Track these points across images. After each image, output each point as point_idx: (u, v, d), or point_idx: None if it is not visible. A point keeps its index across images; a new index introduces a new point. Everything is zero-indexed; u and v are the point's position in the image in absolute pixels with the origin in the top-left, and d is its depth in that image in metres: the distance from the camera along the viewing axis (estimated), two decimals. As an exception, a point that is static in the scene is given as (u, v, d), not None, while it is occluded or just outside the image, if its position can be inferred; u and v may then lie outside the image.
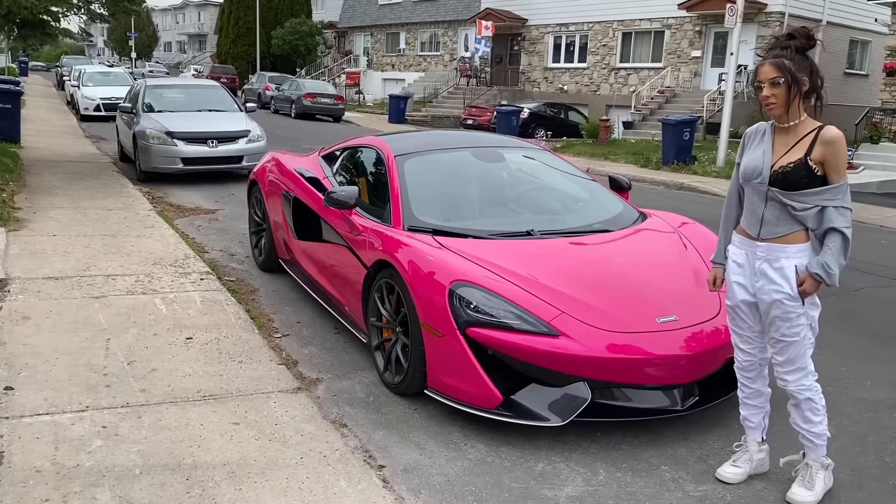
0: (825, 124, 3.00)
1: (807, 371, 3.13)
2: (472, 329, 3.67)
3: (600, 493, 3.29)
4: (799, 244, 3.04)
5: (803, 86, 2.93)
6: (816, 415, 3.17)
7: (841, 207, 2.96)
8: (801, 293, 3.02)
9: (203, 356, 4.49)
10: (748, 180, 3.09)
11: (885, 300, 6.51)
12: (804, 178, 2.94)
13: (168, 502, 2.99)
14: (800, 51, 2.95)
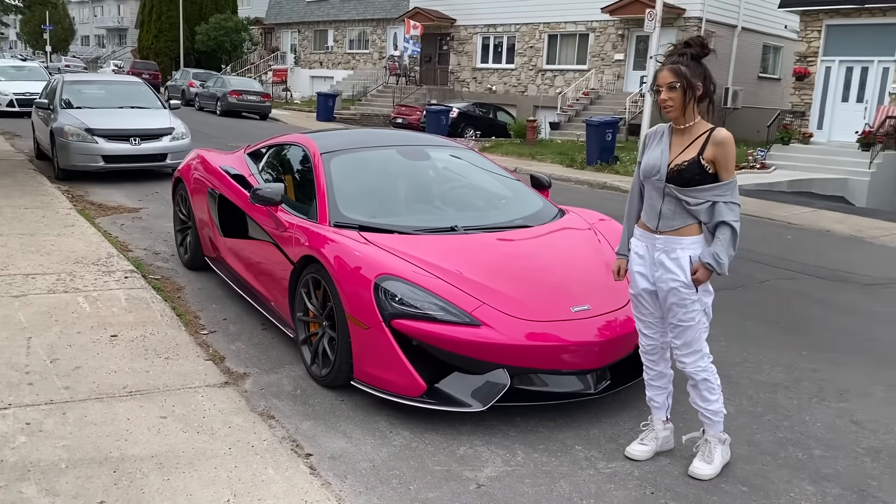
0: (717, 126, 3.26)
1: (702, 353, 3.39)
2: (397, 321, 3.81)
3: (518, 472, 3.48)
4: (693, 236, 3.30)
5: (697, 90, 3.18)
6: (713, 394, 3.43)
7: (730, 203, 3.23)
8: (694, 281, 3.28)
9: (129, 353, 4.49)
10: (648, 177, 3.33)
11: (786, 291, 6.95)
12: (697, 175, 3.20)
13: (95, 494, 3.03)
14: (695, 58, 3.20)
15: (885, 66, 18.01)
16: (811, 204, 13.52)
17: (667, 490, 3.39)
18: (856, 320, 6.12)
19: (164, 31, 43.43)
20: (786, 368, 4.94)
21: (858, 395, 4.56)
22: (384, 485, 3.33)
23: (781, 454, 3.77)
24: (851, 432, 4.05)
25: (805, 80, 19.17)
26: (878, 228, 11.09)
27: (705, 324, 3.38)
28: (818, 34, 18.95)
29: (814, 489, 3.45)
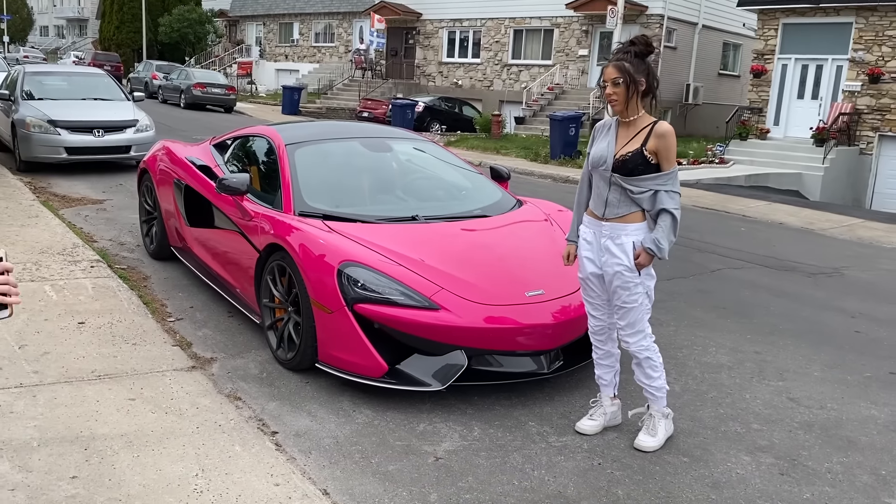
0: (659, 120, 3.48)
1: (645, 333, 3.62)
2: (360, 305, 3.98)
3: (474, 446, 3.68)
4: (636, 223, 3.52)
5: (640, 86, 3.40)
6: (655, 370, 3.66)
7: (671, 192, 3.45)
8: (637, 265, 3.50)
9: (96, 339, 4.59)
10: (595, 167, 3.55)
11: (735, 280, 7.25)
12: (640, 165, 3.41)
13: (67, 469, 3.15)
14: (639, 55, 3.42)
15: (839, 63, 18.57)
16: (767, 198, 13.94)
17: (613, 461, 3.61)
18: (799, 306, 6.43)
19: (126, 22, 42.86)
20: (730, 351, 5.20)
21: (796, 374, 4.84)
22: (347, 459, 3.50)
23: (721, 428, 4.01)
24: (788, 408, 4.32)
25: (762, 78, 19.68)
26: (829, 221, 11.51)
27: (647, 306, 3.61)
28: (775, 32, 19.46)
29: (749, 459, 3.69)
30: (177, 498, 3.02)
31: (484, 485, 3.35)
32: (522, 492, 3.31)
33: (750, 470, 3.59)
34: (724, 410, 4.24)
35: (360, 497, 3.20)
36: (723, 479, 3.50)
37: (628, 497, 3.31)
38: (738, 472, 3.56)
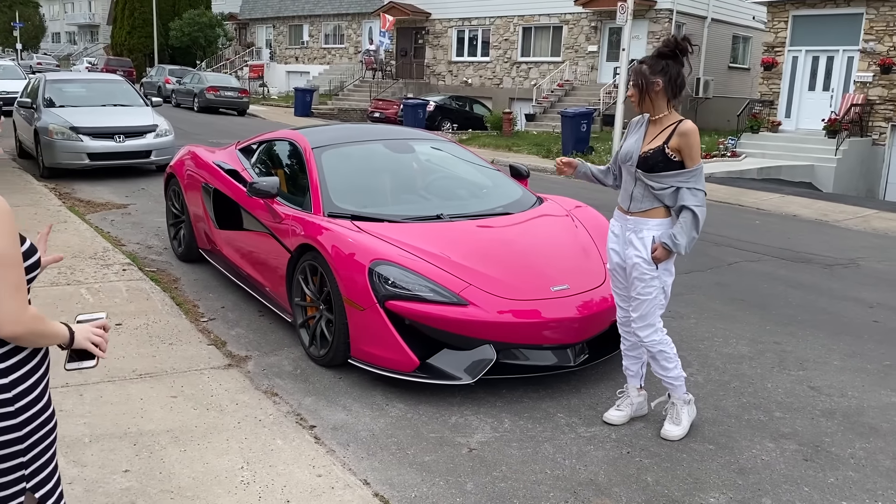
0: (685, 119, 3.59)
1: (655, 328, 3.73)
2: (391, 302, 4.11)
3: (505, 437, 3.80)
4: (659, 218, 3.63)
5: (655, 87, 3.51)
6: (670, 362, 3.77)
7: (694, 189, 3.56)
8: (653, 259, 3.61)
9: (134, 340, 4.74)
10: (623, 162, 3.67)
11: (752, 272, 7.34)
12: (661, 162, 3.53)
13: (120, 464, 3.30)
14: (662, 56, 3.52)
15: (850, 55, 18.55)
16: (779, 190, 13.98)
17: (641, 450, 3.72)
18: (816, 297, 6.51)
19: (137, 27, 43.16)
20: (750, 341, 5.30)
21: (816, 363, 4.94)
22: (384, 451, 3.63)
23: (745, 417, 4.12)
24: (809, 397, 4.42)
25: (773, 70, 19.68)
26: (843, 213, 11.56)
27: (661, 301, 3.72)
28: (785, 25, 19.45)
29: (774, 446, 3.80)
30: (226, 489, 3.16)
31: (517, 474, 3.47)
32: (555, 480, 3.43)
33: (774, 456, 3.70)
34: (747, 399, 4.35)
35: (400, 486, 3.33)
36: (748, 465, 3.61)
37: (658, 483, 3.42)
38: (762, 459, 3.67)
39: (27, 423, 1.88)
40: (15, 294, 1.78)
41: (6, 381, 1.83)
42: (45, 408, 1.95)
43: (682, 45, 3.49)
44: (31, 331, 1.82)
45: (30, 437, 1.90)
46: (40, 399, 1.92)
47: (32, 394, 1.89)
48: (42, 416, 1.93)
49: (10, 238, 1.78)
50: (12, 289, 1.78)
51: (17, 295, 1.79)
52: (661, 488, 3.38)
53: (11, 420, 1.84)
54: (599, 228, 5.13)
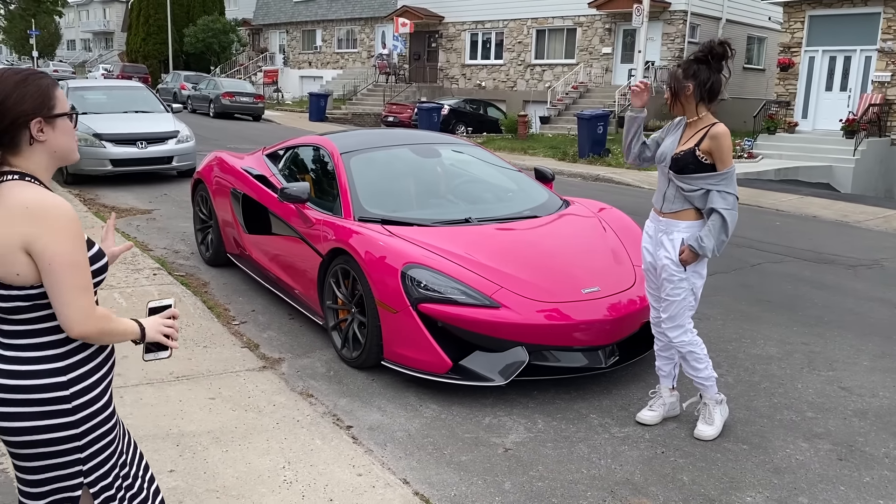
0: (718, 122, 3.62)
1: (685, 329, 3.76)
2: (424, 305, 4.16)
3: (540, 437, 3.84)
4: (689, 220, 3.67)
5: (686, 90, 3.55)
6: (700, 362, 3.80)
7: (724, 192, 3.60)
8: (681, 261, 3.65)
9: (169, 343, 4.81)
10: (659, 163, 3.72)
11: (776, 273, 7.34)
12: (691, 164, 3.57)
13: (165, 464, 3.37)
14: (697, 60, 3.56)
15: (868, 54, 18.47)
16: (798, 191, 13.94)
17: (676, 449, 3.76)
18: (842, 298, 6.51)
19: (152, 33, 43.52)
20: (778, 342, 5.32)
21: (846, 364, 4.95)
22: (421, 450, 3.68)
23: (777, 417, 4.14)
24: (840, 397, 4.43)
25: (789, 71, 19.62)
26: (863, 213, 11.52)
27: (691, 303, 3.75)
28: (801, 25, 19.40)
29: (807, 445, 3.82)
30: (269, 489, 3.22)
31: (554, 473, 3.51)
32: (591, 479, 3.47)
33: (808, 456, 3.72)
34: (778, 400, 4.37)
35: (439, 485, 3.38)
36: (783, 464, 3.63)
37: (693, 482, 3.45)
38: (797, 458, 3.69)
39: (85, 420, 1.95)
40: (82, 296, 1.85)
41: (64, 380, 1.90)
42: (105, 407, 2.01)
43: (717, 50, 3.52)
44: (100, 330, 1.89)
45: (88, 434, 1.97)
46: (99, 399, 1.99)
47: (91, 393, 1.96)
48: (101, 416, 2.00)
49: (78, 243, 1.85)
50: (80, 291, 1.85)
51: (85, 296, 1.86)
52: (698, 487, 3.42)
53: (69, 417, 1.91)
54: (627, 230, 5.18)
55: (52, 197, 1.85)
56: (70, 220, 1.85)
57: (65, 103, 1.96)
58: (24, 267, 1.82)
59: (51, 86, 1.92)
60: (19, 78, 1.88)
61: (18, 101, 1.84)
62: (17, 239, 1.79)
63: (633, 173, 14.98)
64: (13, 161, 1.89)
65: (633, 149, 3.86)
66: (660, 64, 24.16)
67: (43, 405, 1.89)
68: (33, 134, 1.87)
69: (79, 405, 1.93)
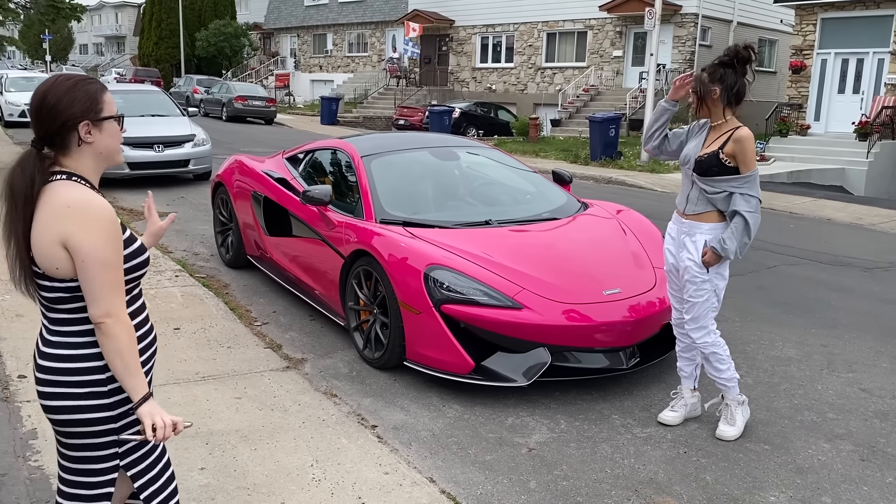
0: (742, 126, 3.66)
1: (708, 330, 3.80)
2: (446, 306, 4.21)
3: (563, 438, 3.88)
4: (712, 223, 3.71)
5: (713, 94, 3.59)
6: (723, 363, 3.83)
7: (746, 195, 3.63)
8: (703, 263, 3.68)
9: (193, 344, 4.88)
10: (683, 165, 3.75)
11: (792, 276, 7.35)
12: (714, 166, 3.61)
13: (195, 462, 3.43)
14: (723, 65, 3.60)
15: (881, 57, 18.42)
16: (811, 194, 13.92)
17: (698, 450, 3.79)
18: (859, 300, 6.52)
19: (164, 38, 43.82)
20: (797, 344, 5.34)
21: (865, 366, 4.96)
22: (445, 450, 3.73)
23: (798, 418, 4.17)
24: (861, 398, 4.45)
25: (801, 73, 19.59)
26: (878, 216, 11.50)
27: (714, 304, 3.79)
28: (813, 27, 19.37)
29: (829, 446, 3.85)
30: (299, 486, 3.27)
31: (578, 473, 3.55)
32: (615, 479, 3.50)
33: (831, 456, 3.74)
34: (798, 401, 4.39)
35: (465, 484, 3.42)
36: (805, 465, 3.66)
37: (717, 482, 3.48)
38: (819, 459, 3.72)
39: (120, 404, 2.04)
40: (110, 293, 1.94)
41: (101, 364, 1.99)
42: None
43: (743, 54, 3.56)
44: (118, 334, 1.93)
45: (123, 417, 2.06)
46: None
47: None
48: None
49: (111, 243, 1.94)
50: (108, 288, 1.93)
51: (114, 292, 1.95)
52: (721, 487, 3.45)
53: (105, 399, 2.02)
54: (646, 232, 5.21)
55: (93, 197, 1.94)
56: (107, 220, 1.93)
57: (112, 107, 2.05)
58: (62, 262, 1.92)
59: (99, 91, 2.02)
60: (70, 84, 1.98)
61: (69, 105, 1.95)
62: (56, 235, 1.89)
63: (646, 176, 15.00)
64: (64, 161, 1.99)
65: (655, 140, 3.88)
66: (671, 67, 24.16)
67: (81, 387, 2.00)
68: (81, 136, 1.97)
69: (114, 388, 2.02)
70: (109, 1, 73.70)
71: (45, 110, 1.94)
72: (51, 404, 2.02)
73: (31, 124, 2.02)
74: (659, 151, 3.91)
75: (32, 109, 1.99)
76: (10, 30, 63.86)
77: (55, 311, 2.01)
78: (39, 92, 1.98)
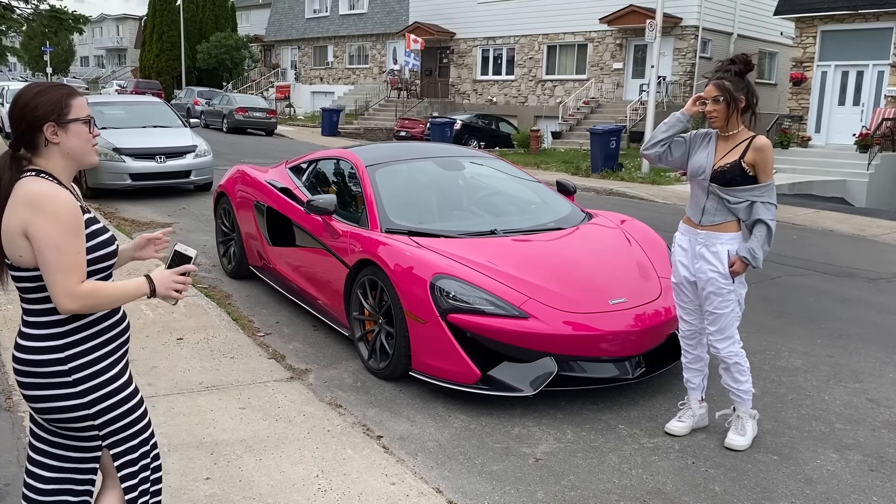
0: (757, 134, 3.65)
1: (734, 339, 3.78)
2: (452, 315, 4.19)
3: (570, 448, 3.85)
4: (732, 232, 3.69)
5: (740, 103, 3.59)
6: (743, 375, 3.81)
7: (767, 203, 3.62)
8: (731, 273, 3.66)
9: (197, 354, 4.86)
10: (694, 177, 3.73)
11: (796, 287, 7.34)
12: (738, 176, 3.59)
13: (201, 472, 3.40)
14: (739, 74, 3.60)
15: (881, 69, 18.47)
16: (813, 205, 13.92)
17: (706, 460, 3.76)
18: (864, 311, 6.50)
19: (165, 50, 44.00)
20: (803, 355, 5.31)
21: (872, 376, 4.94)
22: (452, 460, 3.70)
23: (806, 428, 4.14)
24: (868, 409, 4.42)
25: (802, 85, 19.64)
26: (880, 227, 11.49)
27: (738, 313, 3.77)
28: (813, 40, 19.44)
29: (838, 456, 3.82)
30: (305, 497, 3.24)
31: (585, 483, 3.52)
32: (623, 489, 3.47)
33: (840, 467, 3.72)
34: (806, 411, 4.36)
35: (472, 494, 3.40)
36: (814, 475, 3.63)
37: (726, 493, 3.45)
38: (828, 469, 3.69)
39: (90, 392, 2.15)
40: (66, 276, 2.04)
41: (61, 356, 2.12)
42: (114, 379, 2.20)
43: (751, 63, 3.57)
44: (85, 305, 2.08)
45: (97, 404, 2.16)
46: (106, 371, 2.18)
47: (93, 368, 2.15)
48: (111, 387, 2.19)
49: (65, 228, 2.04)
50: (63, 272, 2.04)
51: (68, 277, 2.05)
52: (730, 497, 3.42)
53: (70, 389, 2.13)
54: (650, 242, 5.20)
55: (53, 188, 2.06)
56: (63, 207, 2.04)
57: (81, 111, 2.17)
58: (25, 251, 2.06)
59: (66, 95, 2.15)
60: (39, 89, 2.15)
61: (34, 108, 2.10)
62: (18, 224, 2.04)
63: (647, 187, 15.00)
64: (36, 161, 2.14)
65: (659, 147, 3.80)
66: (671, 79, 24.23)
67: (45, 377, 2.13)
68: (48, 136, 2.11)
69: (79, 378, 2.13)
70: (111, 13, 74.07)
71: (16, 113, 2.11)
72: (27, 394, 2.17)
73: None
74: (658, 159, 3.85)
75: (8, 113, 2.17)
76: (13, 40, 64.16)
77: (25, 302, 2.15)
78: (14, 97, 2.16)
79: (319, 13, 39.98)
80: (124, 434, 2.25)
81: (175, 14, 42.57)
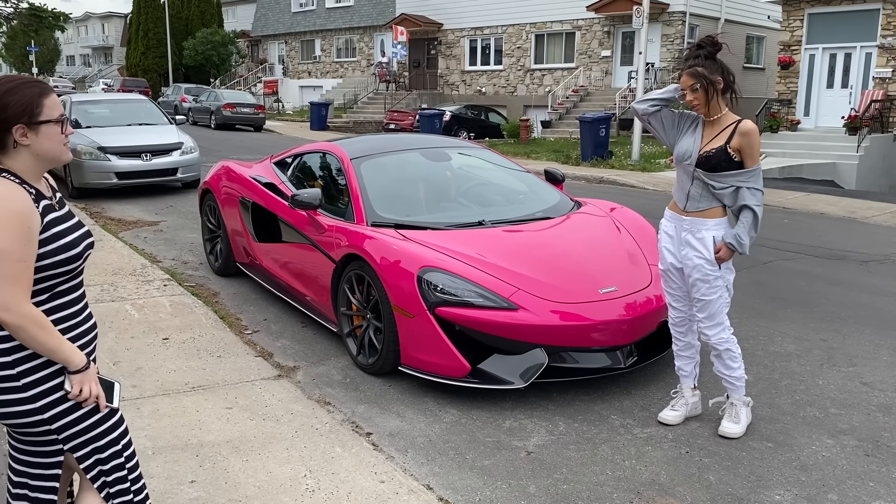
0: (743, 118, 3.59)
1: (724, 326, 3.72)
2: (441, 308, 4.13)
3: (562, 440, 3.80)
4: (717, 218, 3.63)
5: (718, 85, 3.52)
6: (734, 361, 3.76)
7: (753, 189, 3.56)
8: (717, 259, 3.61)
9: (183, 353, 4.78)
10: (680, 162, 3.67)
11: (788, 270, 7.30)
12: (723, 161, 3.53)
13: (185, 474, 3.33)
14: (710, 56, 3.54)
15: (868, 51, 18.46)
16: (803, 189, 13.91)
17: (700, 449, 3.71)
18: (856, 294, 6.47)
19: (151, 47, 43.67)
20: (796, 339, 5.27)
21: (865, 359, 4.90)
22: (442, 456, 3.64)
23: (800, 414, 4.10)
24: (862, 392, 4.39)
25: (790, 69, 19.61)
26: (870, 209, 11.47)
27: (727, 299, 3.71)
28: (801, 23, 19.40)
29: (833, 442, 3.78)
30: (292, 497, 3.18)
31: (578, 476, 3.47)
32: (617, 481, 3.42)
33: (835, 452, 3.68)
34: (800, 397, 4.32)
35: (463, 490, 3.34)
36: (809, 461, 3.59)
37: (720, 482, 3.41)
38: (823, 455, 3.65)
39: (41, 396, 2.07)
40: (8, 285, 1.95)
41: (9, 360, 2.03)
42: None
43: (719, 44, 3.52)
44: (21, 325, 1.98)
45: (50, 408, 2.08)
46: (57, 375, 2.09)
47: (43, 371, 2.07)
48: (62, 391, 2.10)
49: (11, 234, 1.94)
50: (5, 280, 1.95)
51: (11, 287, 1.95)
52: (725, 486, 3.37)
53: (21, 394, 2.05)
54: (640, 229, 5.14)
55: (8, 191, 1.97)
56: (12, 212, 1.95)
57: (54, 110, 2.06)
58: None
59: (39, 95, 2.04)
60: (8, 87, 2.02)
61: (3, 108, 1.99)
62: None
63: (637, 175, 14.96)
64: (3, 160, 2.05)
65: (652, 107, 3.70)
66: (659, 66, 24.16)
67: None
68: (16, 138, 2.02)
69: (29, 383, 2.05)
70: (96, 12, 73.41)
71: None
72: None
73: None
74: (647, 118, 3.73)
75: None
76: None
77: None
78: None
79: (306, 7, 39.73)
80: (87, 436, 2.17)
81: (160, 11, 42.25)
